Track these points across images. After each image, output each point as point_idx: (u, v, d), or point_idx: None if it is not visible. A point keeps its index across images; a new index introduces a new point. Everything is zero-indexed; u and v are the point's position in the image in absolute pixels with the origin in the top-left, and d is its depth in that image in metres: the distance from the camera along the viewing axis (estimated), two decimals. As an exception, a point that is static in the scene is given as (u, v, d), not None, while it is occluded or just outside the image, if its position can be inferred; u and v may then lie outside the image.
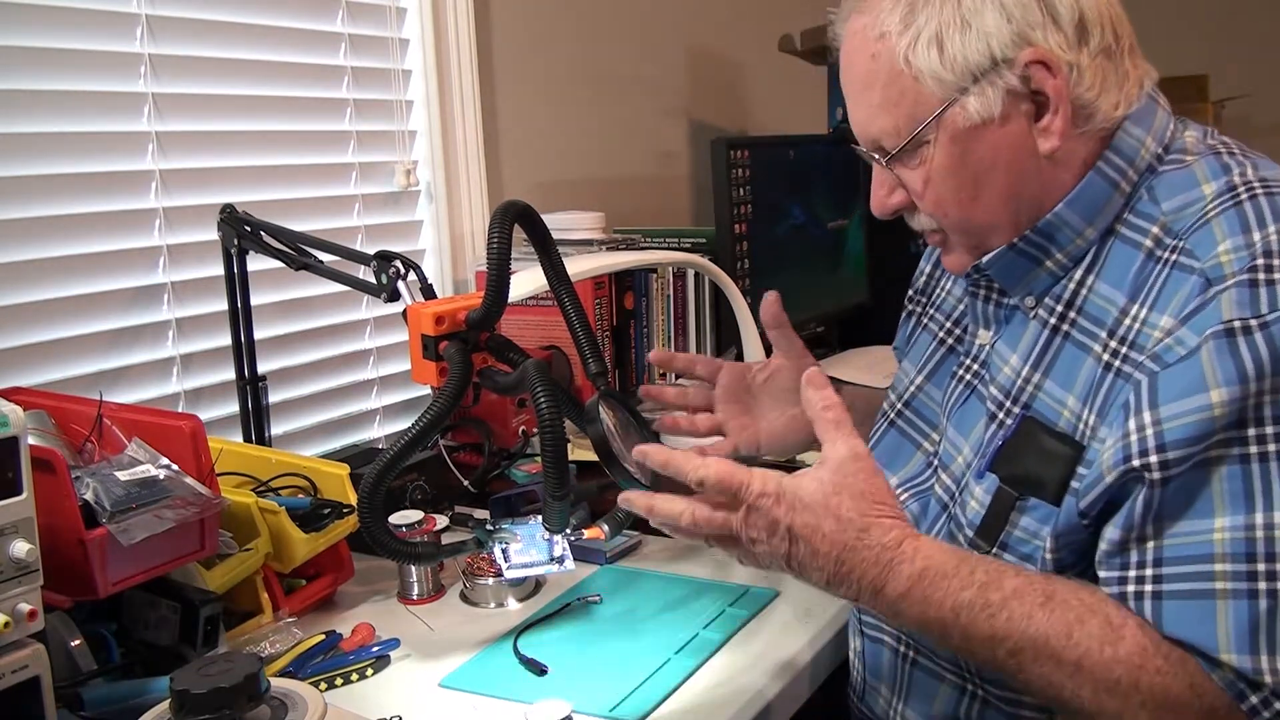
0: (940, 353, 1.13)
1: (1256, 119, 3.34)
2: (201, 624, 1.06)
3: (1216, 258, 0.85)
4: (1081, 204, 0.94)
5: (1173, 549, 0.82)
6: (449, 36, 1.85)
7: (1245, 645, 0.79)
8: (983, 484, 0.96)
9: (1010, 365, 0.98)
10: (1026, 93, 0.90)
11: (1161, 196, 0.92)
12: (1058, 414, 0.93)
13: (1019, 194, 0.94)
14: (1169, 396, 0.82)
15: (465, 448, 1.62)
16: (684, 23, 2.53)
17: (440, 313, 1.08)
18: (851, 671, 1.14)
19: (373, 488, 1.03)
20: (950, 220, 0.97)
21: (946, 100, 0.91)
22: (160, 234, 1.47)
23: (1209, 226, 0.87)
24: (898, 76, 0.92)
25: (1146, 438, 0.82)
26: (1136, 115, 0.94)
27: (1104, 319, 0.92)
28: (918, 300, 1.20)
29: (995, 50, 0.89)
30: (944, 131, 0.92)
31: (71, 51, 1.37)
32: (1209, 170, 0.92)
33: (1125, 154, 0.94)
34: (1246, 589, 0.79)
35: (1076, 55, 0.90)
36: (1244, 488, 0.80)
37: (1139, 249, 0.92)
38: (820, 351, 2.27)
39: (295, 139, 1.65)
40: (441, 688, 1.08)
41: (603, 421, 1.05)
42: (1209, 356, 0.81)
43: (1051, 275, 0.96)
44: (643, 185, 2.41)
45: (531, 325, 1.80)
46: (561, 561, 1.18)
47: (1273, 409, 0.80)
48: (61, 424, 1.17)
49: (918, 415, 1.13)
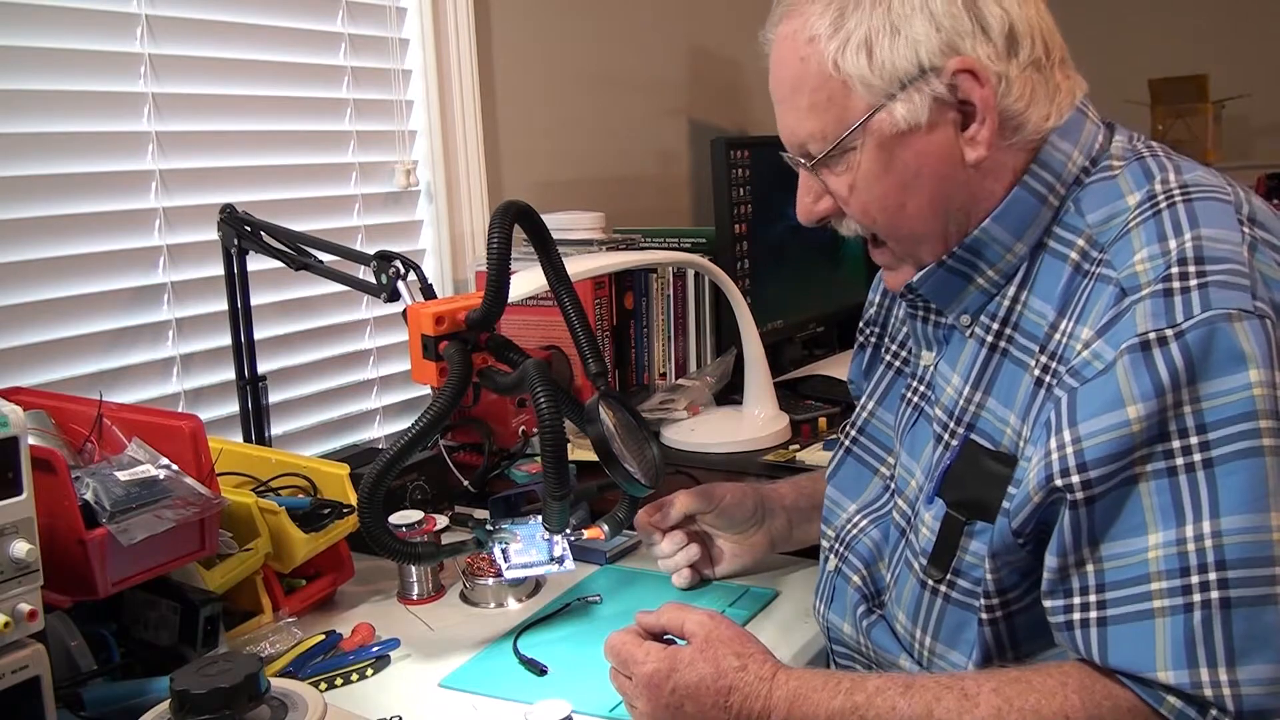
0: (889, 376, 1.13)
1: (1256, 119, 3.34)
2: (201, 624, 1.06)
3: (1132, 267, 0.84)
4: (1009, 219, 0.93)
5: (1111, 573, 0.81)
6: (449, 36, 1.85)
7: (1182, 660, 0.77)
8: (931, 510, 0.96)
9: (952, 385, 0.98)
10: (954, 102, 0.90)
11: (1087, 209, 0.92)
12: (1000, 433, 0.92)
13: (946, 203, 0.93)
14: (1087, 413, 0.81)
15: (465, 448, 1.62)
16: (684, 23, 2.53)
17: (440, 313, 1.08)
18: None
19: (373, 488, 1.03)
20: (879, 227, 0.96)
21: (874, 106, 0.91)
22: (160, 234, 1.47)
23: (1128, 237, 0.87)
24: (826, 81, 0.92)
25: (1067, 456, 0.82)
26: (1064, 129, 0.93)
27: (1037, 334, 0.91)
28: (870, 331, 1.19)
29: (923, 58, 0.89)
30: (870, 137, 0.91)
31: (71, 51, 1.37)
32: (1132, 180, 0.91)
33: (1052, 168, 0.93)
34: (1182, 604, 0.78)
35: (1005, 66, 0.90)
36: (1172, 501, 0.79)
37: (1066, 261, 0.91)
38: (820, 351, 2.27)
39: (295, 139, 1.65)
40: (441, 688, 1.08)
41: (603, 422, 1.05)
42: (1124, 371, 0.80)
43: (984, 293, 0.96)
44: (643, 185, 2.41)
45: (531, 325, 1.80)
46: (561, 561, 1.18)
47: (1194, 419, 0.79)
48: (61, 424, 1.17)
49: (872, 440, 1.12)
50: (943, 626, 0.94)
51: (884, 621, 1.02)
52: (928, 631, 0.95)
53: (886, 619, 1.02)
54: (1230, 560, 0.77)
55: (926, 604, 0.95)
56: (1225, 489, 0.78)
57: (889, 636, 1.01)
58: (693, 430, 1.75)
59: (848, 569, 1.07)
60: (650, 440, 1.13)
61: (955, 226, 0.94)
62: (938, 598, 0.94)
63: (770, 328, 1.98)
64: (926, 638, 0.95)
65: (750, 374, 1.76)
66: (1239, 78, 3.17)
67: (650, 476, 1.09)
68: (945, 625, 0.94)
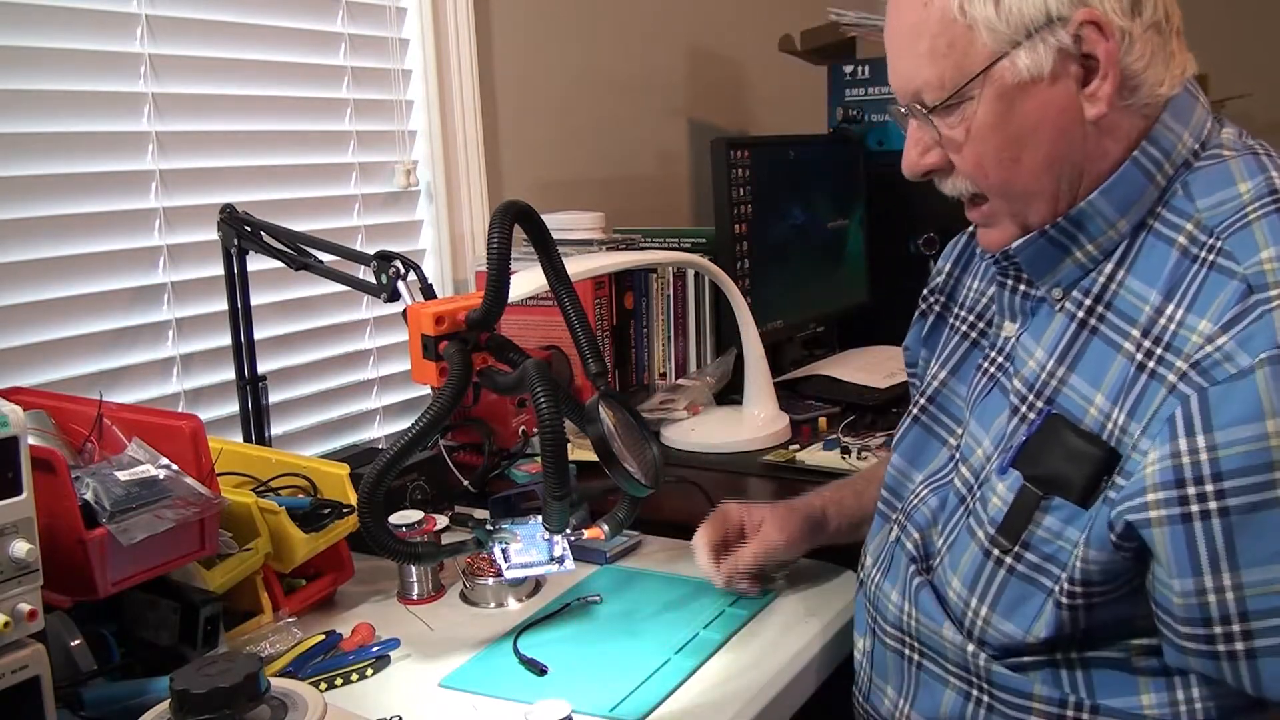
0: (964, 347, 1.12)
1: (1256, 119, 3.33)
2: (201, 624, 1.06)
3: (1260, 264, 0.83)
4: (1116, 194, 0.92)
5: (1255, 600, 0.79)
6: (449, 36, 1.85)
7: None
8: (1005, 480, 0.95)
9: (1035, 358, 0.97)
10: (1077, 55, 0.89)
11: (1196, 193, 0.91)
12: (1084, 411, 0.91)
13: (1061, 159, 0.92)
14: (1223, 420, 0.80)
15: (465, 448, 1.62)
16: (684, 23, 2.53)
17: (440, 313, 1.08)
18: (857, 670, 1.14)
19: (373, 488, 1.03)
20: (989, 182, 0.95)
21: (998, 53, 0.89)
22: (160, 234, 1.47)
23: (1249, 229, 0.85)
24: (949, 25, 0.90)
25: (1200, 463, 0.80)
26: (1175, 109, 0.93)
27: (1135, 316, 0.90)
28: (935, 299, 1.19)
29: (1051, 6, 0.88)
30: (991, 86, 0.90)
31: (71, 51, 1.37)
32: (1245, 169, 0.90)
33: (1162, 146, 0.92)
34: None
35: (1128, 23, 0.89)
36: None
37: (1172, 245, 0.90)
38: (820, 351, 2.27)
39: (295, 139, 1.65)
40: (441, 688, 1.08)
41: (603, 422, 1.05)
42: (1265, 381, 0.78)
43: (1081, 267, 0.95)
44: (643, 185, 2.41)
45: (531, 325, 1.80)
46: (561, 561, 1.18)
47: None
48: (61, 424, 1.17)
49: (942, 410, 1.12)
50: (1003, 597, 0.94)
51: (929, 587, 1.02)
52: (984, 600, 0.95)
53: (935, 584, 1.01)
54: None
55: (989, 573, 0.95)
56: None
57: (934, 603, 1.01)
58: (693, 430, 1.75)
59: (905, 537, 1.07)
60: (650, 440, 1.13)
61: (1067, 186, 0.93)
62: (1001, 568, 0.94)
63: (770, 328, 1.98)
64: (983, 607, 0.95)
65: (750, 374, 1.76)
66: (1239, 78, 3.16)
67: (650, 477, 1.09)
68: (1006, 596, 0.93)
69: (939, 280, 1.20)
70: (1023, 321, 1.01)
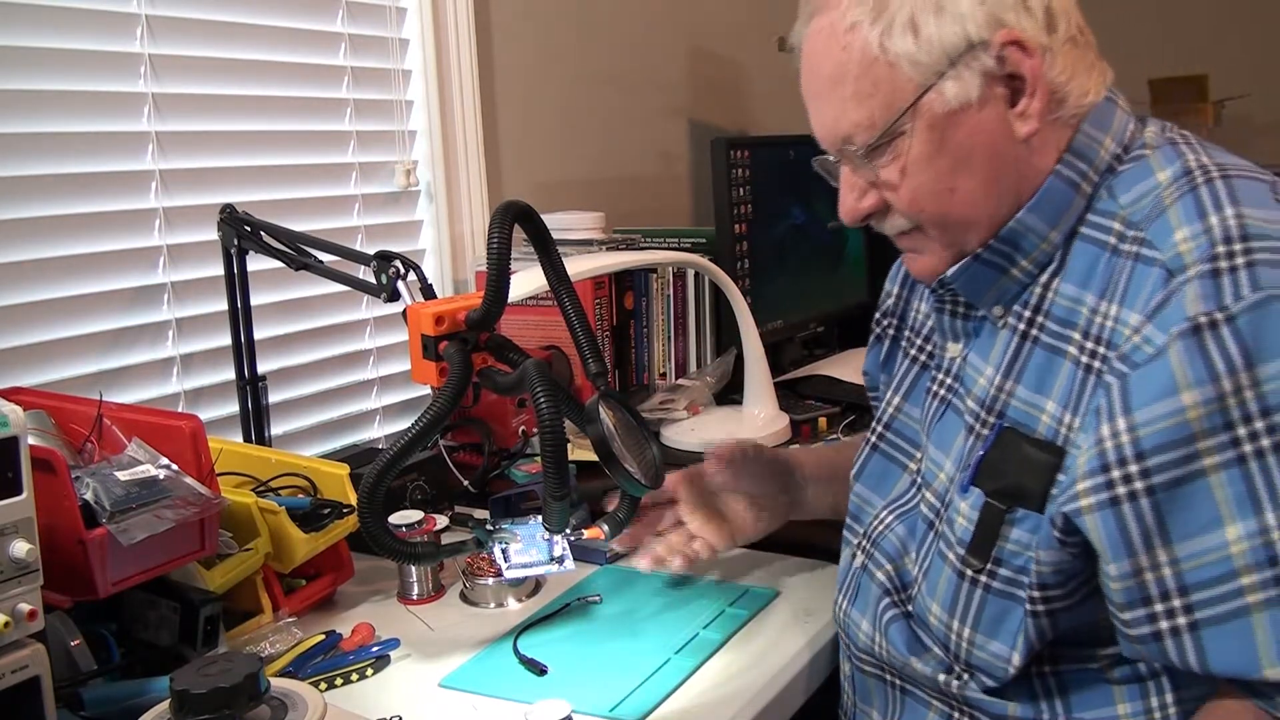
0: (914, 370, 1.12)
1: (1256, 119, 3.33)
2: (201, 624, 1.06)
3: (1175, 247, 0.84)
4: (1044, 208, 0.93)
5: (1193, 573, 0.80)
6: (449, 36, 1.85)
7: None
8: (968, 499, 0.95)
9: (985, 376, 0.97)
10: (1002, 75, 0.90)
11: (1119, 191, 0.92)
12: (1036, 420, 0.91)
13: (998, 181, 0.93)
14: (1141, 400, 0.81)
15: (465, 448, 1.62)
16: (684, 23, 2.53)
17: (440, 313, 1.08)
18: (842, 693, 1.14)
19: (372, 488, 1.03)
20: (927, 215, 0.95)
21: (924, 85, 0.89)
22: (160, 234, 1.47)
23: (1165, 215, 0.86)
24: (872, 65, 0.90)
25: (1123, 445, 0.81)
26: (1095, 116, 0.94)
27: (1074, 319, 0.91)
28: (888, 323, 1.19)
29: (970, 32, 0.88)
30: (921, 119, 0.90)
31: (71, 51, 1.37)
32: (1163, 159, 0.91)
33: (1085, 156, 0.93)
34: (1276, 595, 0.77)
35: (1048, 39, 0.90)
36: (1247, 490, 0.78)
37: (1103, 247, 0.91)
38: (820, 351, 2.27)
39: (295, 139, 1.65)
40: (441, 688, 1.08)
41: (603, 422, 1.05)
42: (1177, 356, 0.79)
43: (1019, 283, 0.95)
44: (643, 185, 2.41)
45: (531, 325, 1.80)
46: (561, 561, 1.18)
47: (1257, 403, 0.78)
48: (61, 424, 1.17)
49: (899, 436, 1.12)
50: (983, 617, 0.93)
51: (904, 620, 1.02)
52: (966, 622, 0.94)
53: (916, 613, 1.01)
54: None
55: (965, 595, 0.94)
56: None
57: (906, 636, 1.01)
58: (693, 430, 1.75)
59: (873, 565, 1.06)
60: (650, 440, 1.13)
61: (1005, 209, 0.94)
62: (977, 588, 0.93)
63: (770, 328, 1.98)
64: (965, 629, 0.94)
65: (750, 374, 1.76)
66: (1239, 78, 3.16)
67: (650, 476, 1.09)
68: (986, 615, 0.93)
69: (889, 303, 1.20)
70: (966, 342, 1.01)
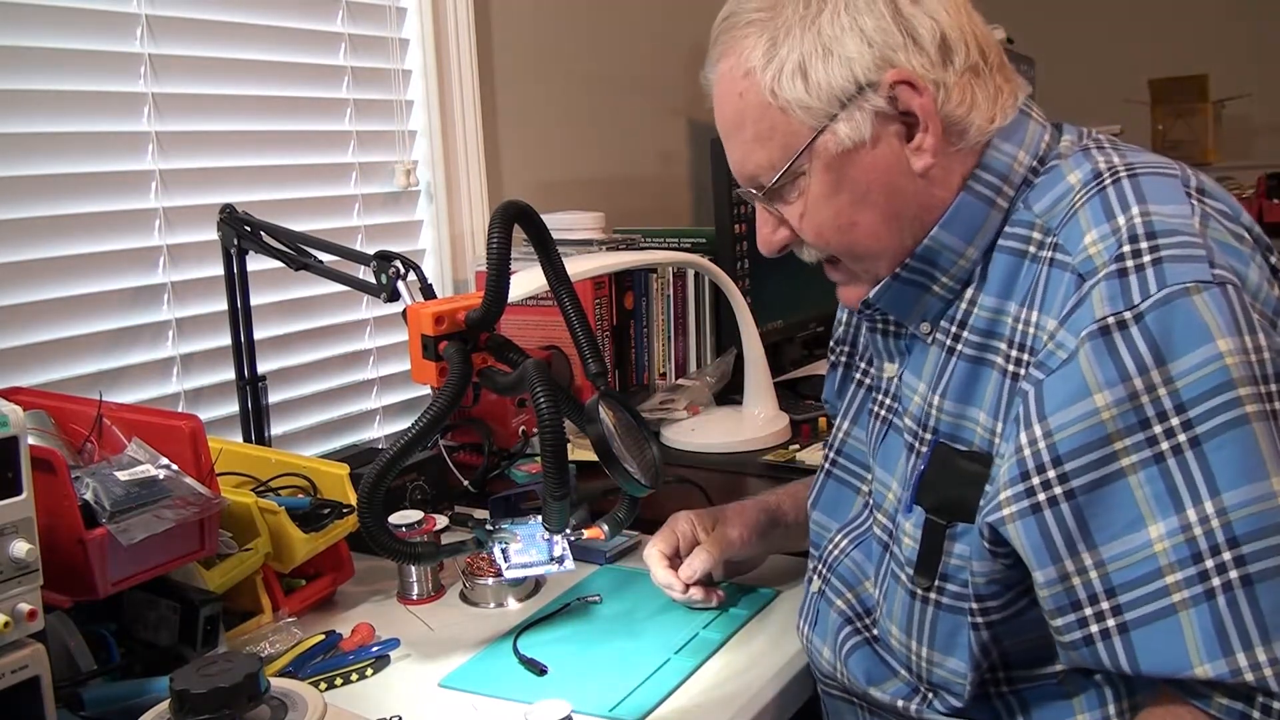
0: (860, 394, 1.12)
1: (1256, 119, 3.34)
2: (201, 624, 1.06)
3: (1085, 251, 0.84)
4: (956, 225, 0.93)
5: (1118, 574, 0.79)
6: (449, 36, 1.85)
7: (1216, 649, 0.76)
8: (911, 518, 0.95)
9: (919, 394, 0.97)
10: (895, 114, 0.90)
11: (1034, 200, 0.92)
12: (971, 433, 0.91)
13: (898, 215, 0.93)
14: (1054, 405, 0.81)
15: (465, 448, 1.62)
16: (684, 23, 2.52)
17: (440, 313, 1.08)
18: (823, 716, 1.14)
19: (372, 488, 1.03)
20: (834, 248, 0.97)
21: (816, 128, 0.91)
22: (160, 234, 1.47)
23: (1075, 218, 0.86)
24: (766, 110, 0.93)
25: (1040, 451, 0.81)
26: (1006, 131, 0.93)
27: (998, 329, 0.91)
28: (841, 350, 1.19)
29: (859, 74, 0.89)
30: (818, 160, 0.92)
31: (71, 51, 1.37)
32: (1075, 164, 0.91)
33: (997, 170, 0.93)
34: (1202, 591, 0.77)
35: (942, 74, 0.90)
36: (1165, 488, 0.78)
37: (1022, 256, 0.91)
38: (820, 351, 2.27)
39: (295, 139, 1.65)
40: (441, 688, 1.08)
41: (603, 422, 1.05)
42: (1086, 359, 0.79)
43: (942, 299, 0.96)
44: (643, 185, 2.41)
45: (532, 325, 1.80)
46: (561, 561, 1.18)
47: (1170, 399, 0.77)
48: (61, 424, 1.17)
49: (850, 460, 1.12)
50: (937, 634, 0.94)
51: (866, 647, 1.02)
52: (922, 641, 0.95)
53: (881, 636, 1.01)
54: (1242, 535, 0.76)
55: (918, 614, 0.95)
56: (1219, 464, 0.77)
57: (867, 664, 1.01)
58: (693, 430, 1.75)
59: (831, 592, 1.06)
60: (650, 440, 1.13)
61: (910, 238, 0.94)
62: (929, 606, 0.94)
63: (770, 328, 1.99)
64: (922, 648, 0.95)
65: (750, 374, 1.76)
66: (1239, 78, 3.17)
67: (650, 476, 1.09)
68: (939, 632, 0.93)
69: (840, 330, 1.20)
70: (901, 360, 1.02)
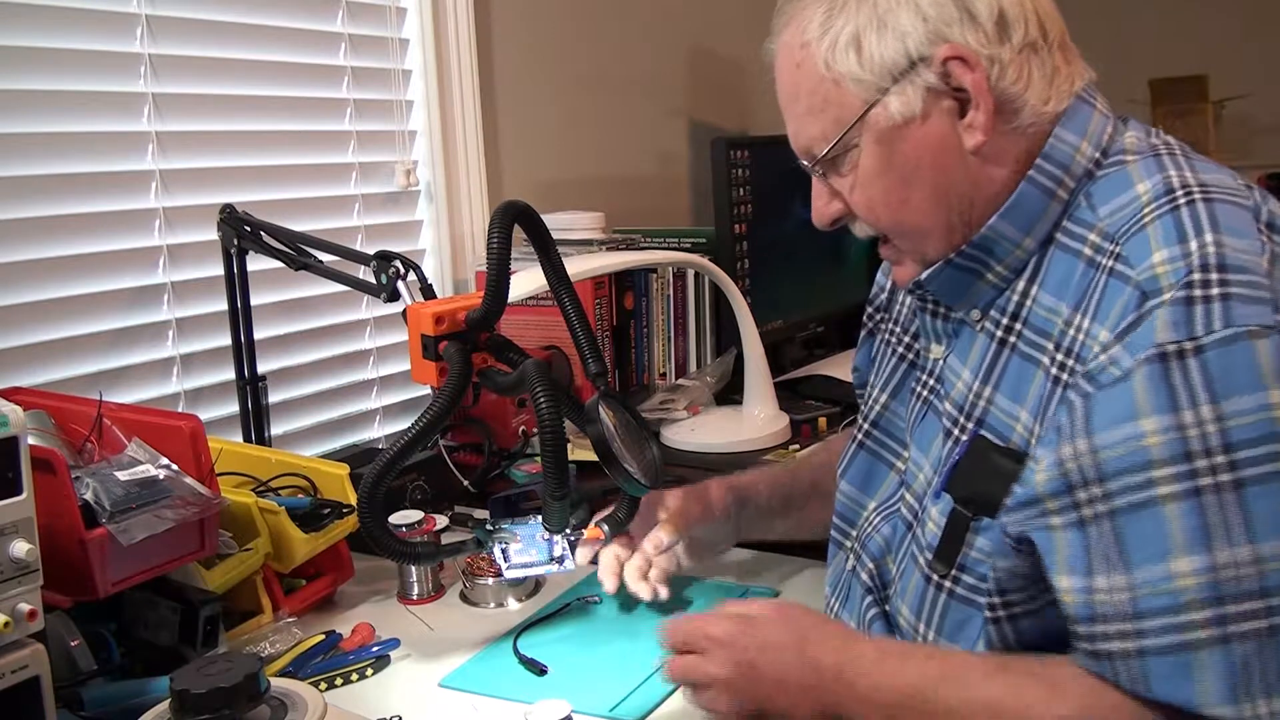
0: (902, 369, 1.11)
1: (1256, 119, 3.33)
2: (201, 624, 1.06)
3: (1152, 269, 0.82)
4: (1016, 215, 0.92)
5: (1145, 600, 0.79)
6: (449, 36, 1.85)
7: (1230, 694, 0.76)
8: (938, 505, 0.95)
9: (963, 380, 0.97)
10: (947, 90, 0.90)
11: (1098, 201, 0.91)
12: (1010, 429, 0.91)
13: (948, 194, 0.93)
14: (1103, 423, 0.80)
15: (465, 448, 1.62)
16: (684, 23, 2.53)
17: (440, 313, 1.08)
18: None
19: (372, 488, 1.03)
20: (884, 224, 0.96)
21: (868, 101, 0.91)
22: (160, 234, 1.47)
23: (1144, 233, 0.85)
24: (820, 82, 0.93)
25: (1085, 466, 0.80)
26: (1067, 119, 0.92)
27: (1049, 330, 0.90)
28: (879, 317, 1.18)
29: (911, 49, 0.89)
30: (869, 133, 0.92)
31: (71, 51, 1.37)
32: (1144, 170, 0.90)
33: (1058, 160, 0.92)
34: (1226, 633, 0.76)
35: (997, 50, 0.89)
36: (1202, 523, 0.77)
37: (1079, 257, 0.90)
38: (820, 351, 2.27)
39: (295, 139, 1.65)
40: (441, 688, 1.08)
41: (602, 422, 1.05)
42: (1141, 382, 0.78)
43: (994, 288, 0.95)
44: (643, 185, 2.41)
45: (533, 325, 1.80)
46: (561, 561, 1.18)
47: (1219, 438, 0.76)
48: (61, 424, 1.17)
49: (887, 435, 1.11)
50: (946, 622, 0.94)
51: (885, 617, 1.02)
52: (931, 626, 0.95)
53: (890, 613, 1.01)
54: (1272, 588, 0.75)
55: (930, 599, 0.95)
56: (1258, 511, 0.76)
57: (885, 635, 1.01)
58: (693, 430, 1.75)
59: (860, 567, 1.06)
60: (650, 440, 1.13)
61: (959, 218, 0.94)
62: (942, 593, 0.94)
63: (770, 328, 1.98)
64: (930, 632, 0.95)
65: (750, 374, 1.76)
66: (1239, 78, 3.16)
67: (650, 476, 1.09)
68: (949, 621, 0.94)
69: (881, 297, 1.19)
70: (948, 344, 1.01)
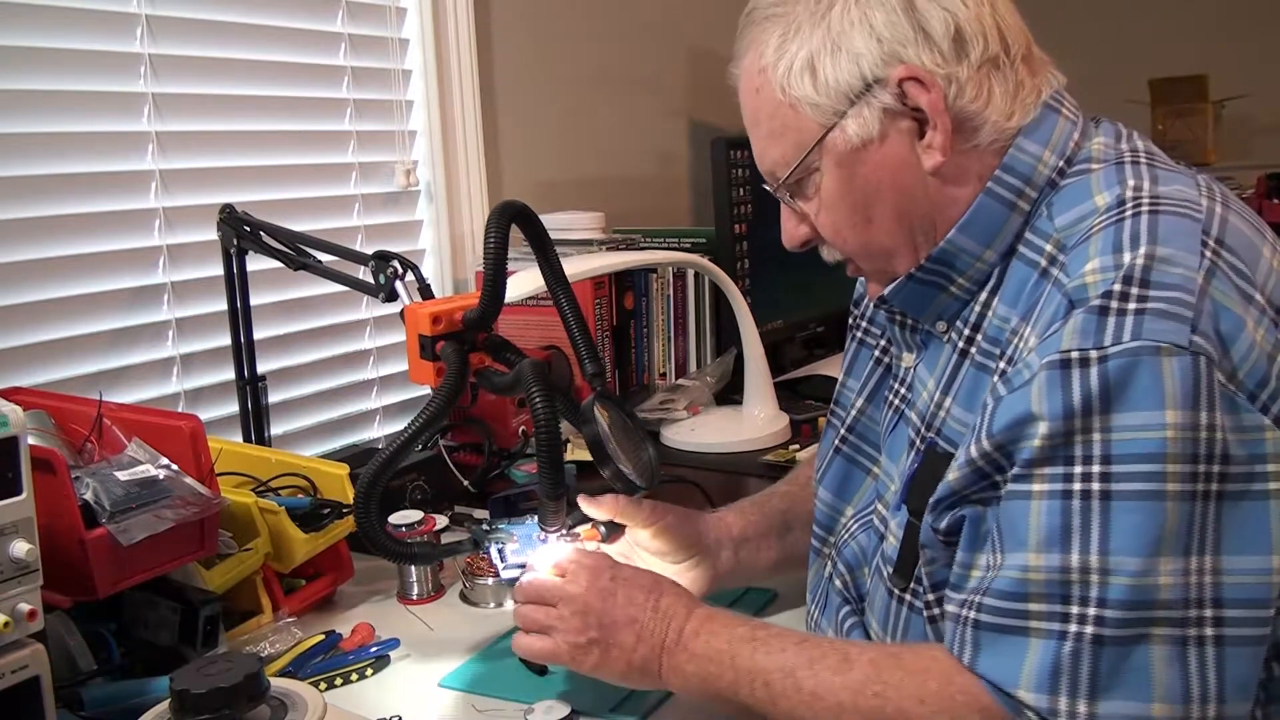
0: (878, 374, 1.11)
1: (1256, 119, 3.33)
2: (201, 624, 1.06)
3: (1083, 278, 0.81)
4: (974, 228, 0.92)
5: (998, 581, 0.80)
6: (449, 36, 1.85)
7: (1045, 685, 0.77)
8: (896, 518, 0.95)
9: (928, 390, 0.97)
10: (905, 110, 0.89)
11: (1057, 212, 0.89)
12: (962, 438, 0.90)
13: (909, 213, 0.92)
14: (1001, 424, 0.81)
15: (465, 448, 1.62)
16: (684, 23, 2.53)
17: (437, 312, 1.08)
18: None
19: (368, 488, 1.03)
20: (849, 247, 0.96)
21: (825, 125, 0.90)
22: (160, 234, 1.47)
23: (1087, 244, 0.84)
24: (779, 107, 0.92)
25: (988, 461, 0.82)
26: (1030, 129, 0.91)
27: (1000, 339, 0.90)
28: (863, 325, 1.18)
29: (866, 71, 0.88)
30: (828, 157, 0.91)
31: (71, 51, 1.37)
32: (1104, 180, 0.88)
33: (1019, 172, 0.91)
34: (1057, 630, 0.77)
35: (954, 69, 0.88)
36: (1062, 524, 0.78)
37: (1034, 268, 0.89)
38: (820, 351, 2.27)
39: (295, 139, 1.65)
40: (441, 688, 1.08)
41: (597, 422, 1.05)
42: (1039, 386, 0.79)
43: (958, 300, 0.95)
44: (643, 185, 2.41)
45: (532, 325, 1.80)
46: (560, 561, 1.18)
47: (1100, 447, 0.77)
48: (61, 424, 1.17)
49: (863, 440, 1.11)
50: (909, 636, 0.93)
51: (862, 627, 1.02)
52: (895, 640, 0.95)
53: (865, 624, 1.01)
54: (1111, 600, 0.76)
55: (894, 613, 0.95)
56: (1119, 526, 0.76)
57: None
58: (693, 430, 1.75)
59: (834, 575, 1.06)
60: (646, 441, 1.13)
61: (923, 237, 0.93)
62: (903, 607, 0.94)
63: (770, 328, 1.99)
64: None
65: (750, 374, 1.77)
66: (1239, 78, 3.16)
67: (645, 477, 1.09)
68: (911, 635, 0.93)
69: (864, 301, 1.18)
70: (918, 353, 1.01)
